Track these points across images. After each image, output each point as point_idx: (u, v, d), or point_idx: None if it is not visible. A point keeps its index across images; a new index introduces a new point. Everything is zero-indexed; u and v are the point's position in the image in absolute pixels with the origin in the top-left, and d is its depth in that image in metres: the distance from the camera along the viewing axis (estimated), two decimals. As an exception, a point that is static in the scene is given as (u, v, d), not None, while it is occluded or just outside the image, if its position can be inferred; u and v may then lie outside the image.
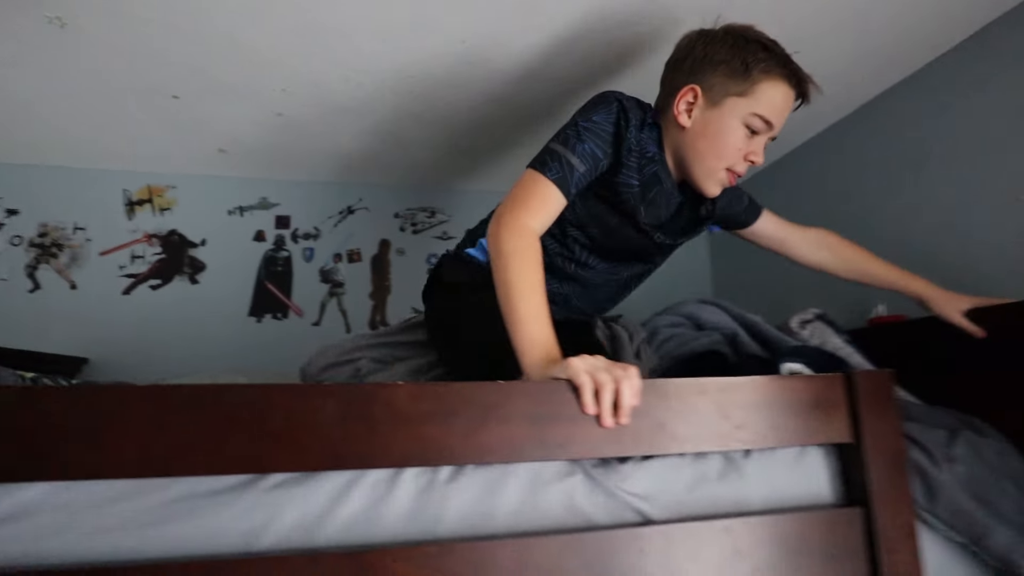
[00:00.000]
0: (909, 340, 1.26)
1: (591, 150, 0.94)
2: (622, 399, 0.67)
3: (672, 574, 0.69)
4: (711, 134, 0.98)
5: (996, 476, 0.89)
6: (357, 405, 0.65)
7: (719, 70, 0.96)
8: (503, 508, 0.70)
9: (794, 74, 0.96)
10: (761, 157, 0.99)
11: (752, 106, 0.95)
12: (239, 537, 0.63)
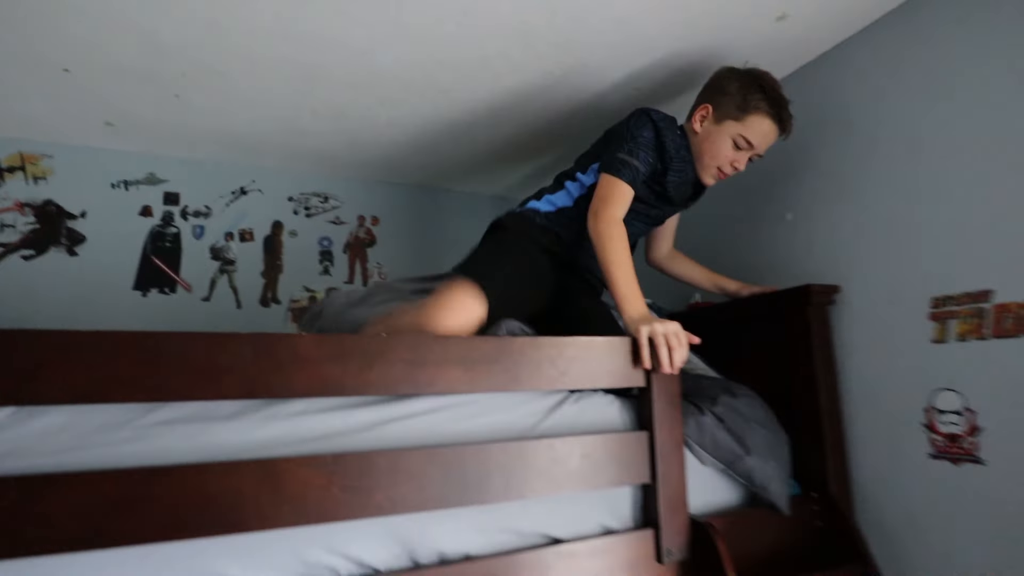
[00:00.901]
0: (715, 320, 1.64)
1: (646, 158, 1.32)
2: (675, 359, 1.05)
3: (525, 469, 0.95)
4: (710, 141, 1.35)
5: (746, 420, 1.24)
6: (267, 349, 0.84)
7: (727, 99, 1.32)
8: (386, 430, 0.92)
9: (780, 115, 1.32)
10: (742, 166, 1.36)
11: (741, 129, 1.32)
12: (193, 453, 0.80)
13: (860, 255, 1.39)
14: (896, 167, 1.33)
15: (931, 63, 1.28)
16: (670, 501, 1.08)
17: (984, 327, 1.16)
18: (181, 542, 0.77)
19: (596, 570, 1.01)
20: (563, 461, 1.00)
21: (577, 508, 1.04)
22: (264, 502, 0.80)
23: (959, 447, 1.19)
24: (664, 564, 1.06)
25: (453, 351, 0.95)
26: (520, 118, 1.82)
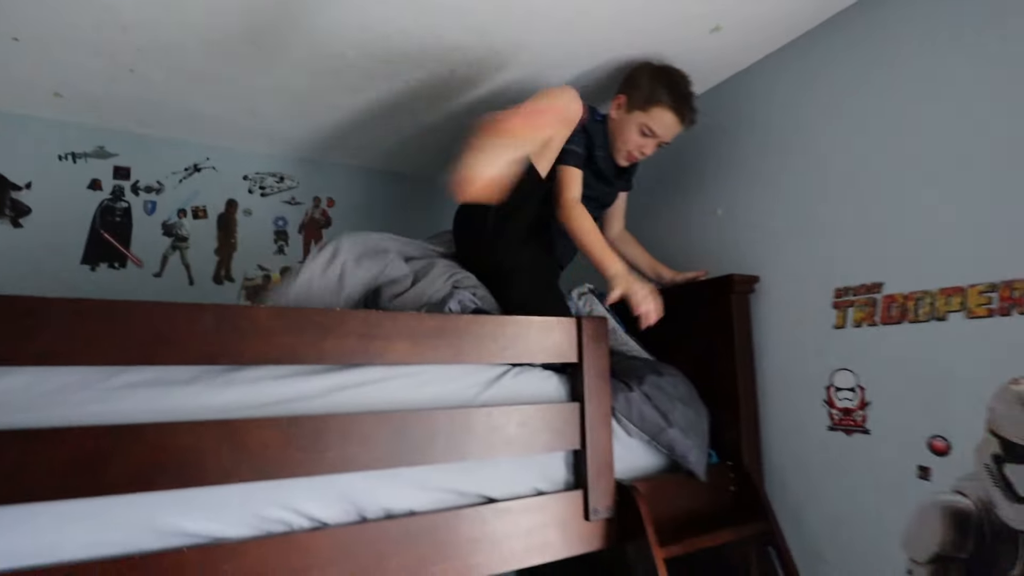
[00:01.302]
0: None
1: (579, 142, 1.48)
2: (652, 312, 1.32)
3: (465, 434, 1.04)
4: (621, 128, 1.52)
5: (670, 397, 1.37)
6: (229, 319, 0.90)
7: (637, 92, 1.49)
8: (339, 396, 1.00)
9: (681, 110, 1.48)
10: (649, 151, 1.53)
11: (646, 120, 1.48)
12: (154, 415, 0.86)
13: (778, 249, 1.54)
14: (808, 171, 1.48)
15: (838, 80, 1.43)
16: (598, 466, 1.20)
17: (875, 314, 1.33)
18: (144, 496, 0.84)
19: (529, 526, 1.12)
20: (501, 428, 1.10)
21: (513, 471, 1.14)
22: (224, 459, 0.87)
23: (851, 420, 1.36)
24: (591, 522, 1.18)
25: (402, 326, 1.04)
26: (469, 108, 1.89)
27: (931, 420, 1.21)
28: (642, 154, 1.54)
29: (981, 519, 1.12)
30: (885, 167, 1.32)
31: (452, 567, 1.02)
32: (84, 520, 0.82)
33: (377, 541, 0.97)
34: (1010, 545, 1.08)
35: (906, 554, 1.23)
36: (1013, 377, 1.09)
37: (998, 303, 1.12)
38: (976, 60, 1.19)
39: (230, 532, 0.89)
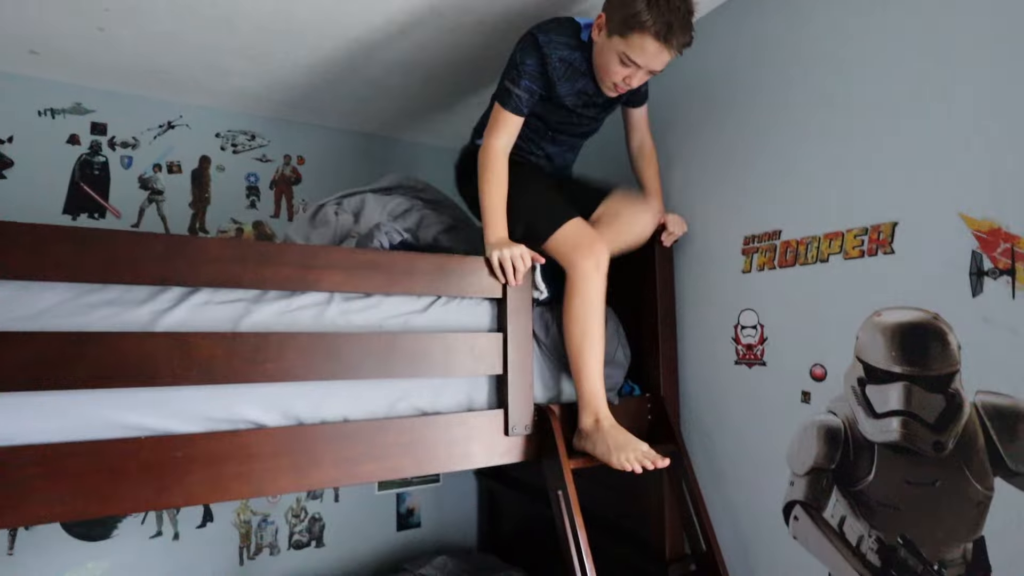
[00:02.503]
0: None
1: (529, 86, 1.37)
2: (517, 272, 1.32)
3: (394, 356, 1.19)
4: (601, 56, 1.33)
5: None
6: (178, 247, 1.04)
7: (617, 12, 1.25)
8: (283, 317, 1.14)
9: (664, 34, 1.22)
10: (635, 82, 1.33)
11: (625, 48, 1.26)
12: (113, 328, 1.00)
13: (700, 201, 1.67)
14: (726, 131, 1.60)
15: (767, 41, 1.54)
16: (517, 389, 1.36)
17: (775, 259, 1.47)
18: (105, 394, 0.99)
19: (454, 437, 1.28)
20: (428, 352, 1.25)
21: (442, 389, 1.30)
22: (175, 365, 1.01)
23: (753, 354, 1.52)
24: (510, 437, 1.35)
25: (336, 258, 1.18)
26: (424, 69, 1.99)
27: (813, 351, 1.37)
28: (628, 85, 1.35)
29: (847, 434, 1.29)
30: (782, 128, 1.45)
31: (382, 466, 1.19)
32: (53, 413, 0.97)
33: (314, 440, 1.13)
34: (868, 454, 1.25)
35: (789, 468, 1.41)
36: (876, 310, 1.24)
37: (868, 245, 1.26)
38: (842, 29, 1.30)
39: (181, 428, 1.05)
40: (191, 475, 1.03)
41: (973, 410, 1.08)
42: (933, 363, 1.13)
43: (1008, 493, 1.03)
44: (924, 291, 1.16)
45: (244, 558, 2.24)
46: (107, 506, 0.97)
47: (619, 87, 1.36)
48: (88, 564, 2.00)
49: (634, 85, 1.36)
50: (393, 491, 2.55)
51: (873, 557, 1.22)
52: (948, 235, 1.13)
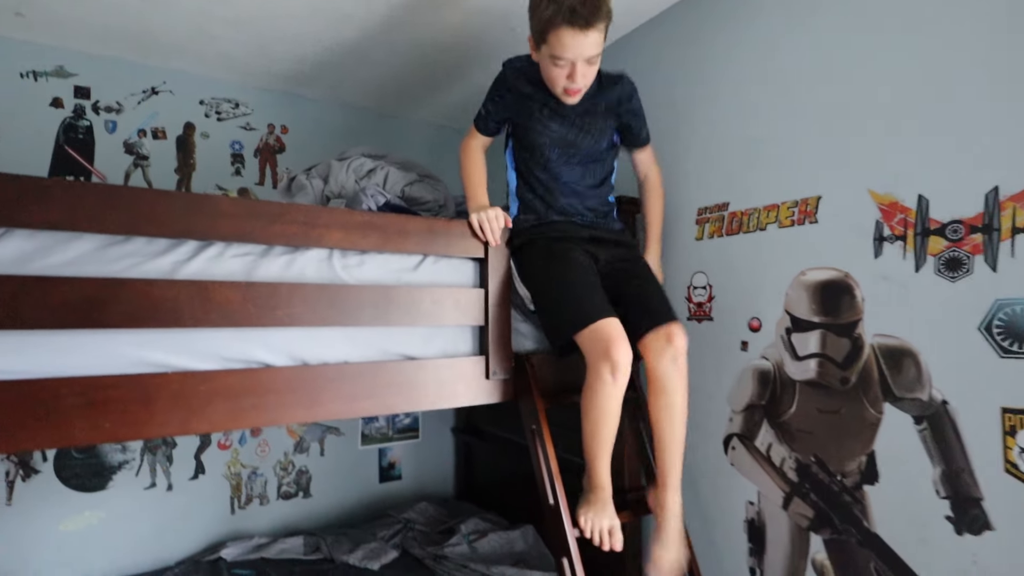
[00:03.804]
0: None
1: (493, 107, 1.56)
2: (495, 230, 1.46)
3: (388, 306, 1.35)
4: (543, 71, 1.42)
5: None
6: (196, 205, 1.17)
7: (533, 25, 1.36)
8: (289, 269, 1.28)
9: (567, 16, 1.25)
10: (578, 79, 1.36)
11: (549, 51, 1.33)
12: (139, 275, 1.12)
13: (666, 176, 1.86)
14: (687, 118, 1.79)
15: (716, 38, 1.73)
16: (497, 339, 1.53)
17: (723, 228, 1.68)
18: (137, 334, 1.12)
19: (442, 379, 1.45)
20: (418, 304, 1.41)
21: (430, 337, 1.46)
22: (197, 309, 1.15)
23: (703, 311, 1.73)
24: (490, 380, 1.53)
25: (337, 218, 1.32)
26: (416, 46, 2.11)
27: (751, 306, 1.59)
28: (574, 83, 1.38)
29: (775, 375, 1.51)
30: (732, 115, 1.65)
31: (376, 403, 1.35)
32: (92, 350, 1.10)
33: (318, 379, 1.29)
34: (791, 391, 1.48)
35: (729, 406, 1.64)
36: (802, 270, 1.46)
37: (797, 215, 1.48)
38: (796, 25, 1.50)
39: (202, 366, 1.19)
40: (213, 406, 1.17)
41: (871, 350, 1.31)
42: (843, 313, 1.36)
43: (893, 414, 1.27)
44: (839, 254, 1.38)
45: (235, 507, 2.39)
46: (141, 431, 1.12)
47: (569, 90, 1.41)
48: (85, 513, 2.12)
49: (579, 82, 1.38)
50: (375, 446, 2.72)
51: (792, 474, 1.46)
52: (859, 207, 1.34)
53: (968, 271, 1.17)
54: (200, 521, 2.31)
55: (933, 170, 1.23)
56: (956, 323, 1.18)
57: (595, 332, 1.32)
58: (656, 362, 1.37)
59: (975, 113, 1.17)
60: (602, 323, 1.33)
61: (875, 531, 1.31)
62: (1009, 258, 1.12)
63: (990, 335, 1.13)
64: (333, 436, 2.61)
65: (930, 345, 1.22)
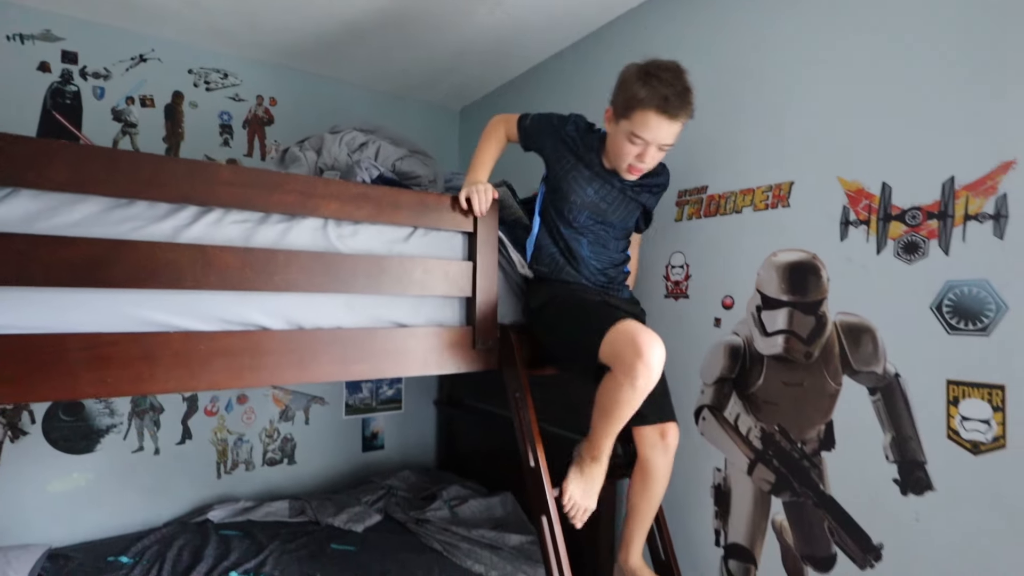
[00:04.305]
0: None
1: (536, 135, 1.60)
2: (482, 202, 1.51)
3: (381, 275, 1.40)
4: (612, 142, 1.46)
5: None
6: (198, 171, 1.21)
7: (619, 98, 1.39)
8: (286, 237, 1.33)
9: (662, 105, 1.31)
10: (645, 163, 1.42)
11: (630, 127, 1.37)
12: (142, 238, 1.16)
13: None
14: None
15: (698, 33, 1.79)
16: (484, 310, 1.60)
17: (701, 210, 1.76)
18: (140, 294, 1.16)
19: (430, 346, 1.52)
20: (408, 274, 1.47)
21: (422, 306, 1.53)
22: (198, 271, 1.20)
23: (679, 289, 1.82)
24: (476, 350, 1.60)
25: (333, 189, 1.37)
26: (409, 23, 2.13)
27: (725, 285, 1.68)
28: (641, 162, 1.43)
29: (745, 350, 1.61)
30: (711, 107, 1.72)
31: (368, 367, 1.42)
32: (97, 308, 1.14)
33: (314, 343, 1.34)
34: (759, 365, 1.58)
35: (701, 379, 1.73)
36: (773, 251, 1.55)
37: (771, 199, 1.56)
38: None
39: (201, 328, 1.24)
40: (213, 365, 1.23)
41: (833, 327, 1.41)
42: (810, 292, 1.46)
43: (850, 386, 1.38)
44: (808, 236, 1.47)
45: (221, 472, 2.44)
46: (144, 387, 1.16)
47: (633, 168, 1.45)
48: (73, 474, 2.16)
49: (648, 163, 1.43)
50: (359, 416, 2.79)
51: (757, 442, 1.57)
52: (828, 193, 1.43)
53: (924, 254, 1.27)
54: (187, 484, 2.36)
55: (897, 159, 1.31)
56: (911, 302, 1.28)
57: (617, 332, 1.32)
58: (647, 452, 1.48)
59: (937, 107, 1.25)
60: (622, 323, 1.33)
61: (830, 493, 1.42)
62: (960, 243, 1.21)
63: (940, 313, 1.24)
64: (318, 405, 2.67)
65: (886, 322, 1.32)
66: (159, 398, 2.31)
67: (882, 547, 1.32)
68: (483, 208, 1.54)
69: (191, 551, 1.97)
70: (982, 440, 1.17)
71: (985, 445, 1.17)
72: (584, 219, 1.57)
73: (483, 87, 2.80)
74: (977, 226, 1.19)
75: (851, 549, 1.38)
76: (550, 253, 1.60)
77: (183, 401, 2.36)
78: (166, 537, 2.08)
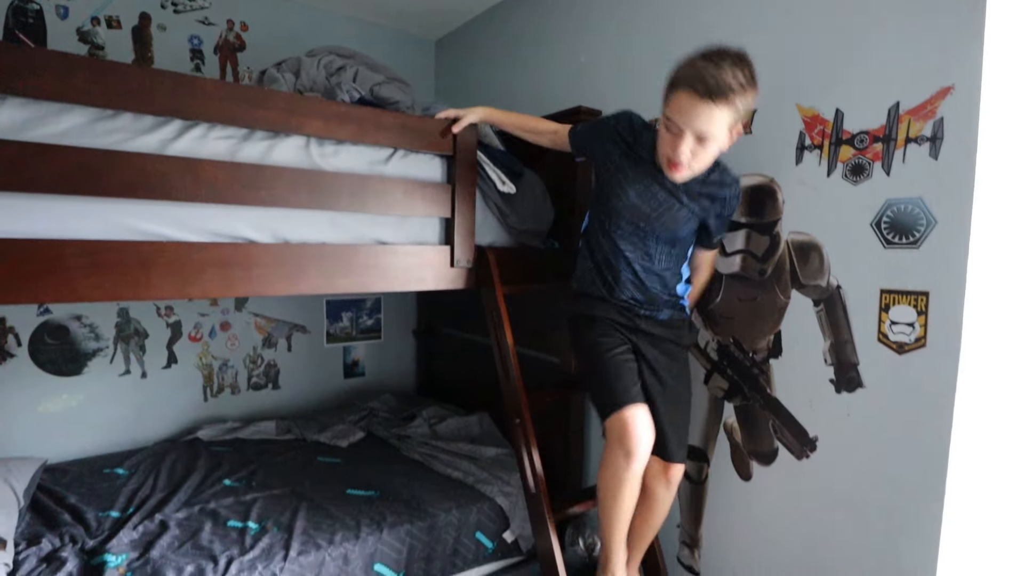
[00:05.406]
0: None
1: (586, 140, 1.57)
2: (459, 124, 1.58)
3: (364, 193, 1.46)
4: (659, 134, 1.33)
5: (523, 194, 1.85)
6: (182, 84, 1.23)
7: (665, 90, 1.28)
8: (270, 154, 1.37)
9: (693, 84, 1.19)
10: (678, 155, 1.27)
11: (667, 112, 1.26)
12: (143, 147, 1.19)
13: (615, 89, 1.99)
14: (638, 29, 1.90)
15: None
16: (463, 231, 1.68)
17: (670, 139, 1.83)
18: (133, 204, 1.21)
19: (411, 264, 1.60)
20: (391, 193, 1.53)
21: (402, 225, 1.59)
22: (188, 183, 1.24)
23: (647, 216, 1.91)
24: (455, 268, 1.69)
25: (316, 107, 1.41)
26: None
27: (690, 210, 1.77)
28: (679, 157, 1.28)
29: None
30: (683, 29, 1.77)
31: (353, 281, 1.50)
32: (91, 217, 1.18)
33: (301, 256, 1.41)
34: (718, 283, 1.70)
35: (665, 300, 1.86)
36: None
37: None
38: (754, -57, 1.61)
39: (192, 238, 1.29)
40: (205, 274, 1.29)
41: (785, 245, 1.53)
42: (766, 214, 1.57)
43: (798, 299, 1.51)
44: (767, 161, 1.57)
45: (208, 396, 2.53)
46: (140, 292, 1.23)
47: (672, 162, 1.31)
48: (63, 396, 2.22)
49: (683, 154, 1.28)
50: (340, 344, 2.88)
51: (713, 354, 1.72)
52: (787, 120, 1.52)
53: (868, 175, 1.38)
54: (175, 406, 2.45)
55: (849, 86, 1.40)
56: (854, 220, 1.40)
57: (617, 420, 1.37)
58: (651, 482, 1.49)
59: (886, 36, 1.33)
60: (625, 412, 1.36)
61: (775, 396, 1.58)
62: (901, 164, 1.32)
63: (879, 229, 1.36)
64: (299, 333, 2.75)
65: (831, 239, 1.45)
66: (143, 323, 2.36)
67: (817, 439, 1.50)
68: (457, 127, 1.60)
69: (184, 464, 2.09)
70: (906, 341, 1.32)
71: (908, 345, 1.32)
72: (624, 225, 1.45)
73: (460, 16, 2.77)
74: (916, 148, 1.30)
75: (791, 443, 1.55)
76: (584, 268, 1.55)
77: (167, 327, 2.42)
78: (159, 452, 2.18)
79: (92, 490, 1.87)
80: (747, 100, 1.24)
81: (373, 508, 1.78)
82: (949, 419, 1.26)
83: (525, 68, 2.40)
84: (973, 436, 1.28)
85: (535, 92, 2.31)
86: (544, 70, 2.30)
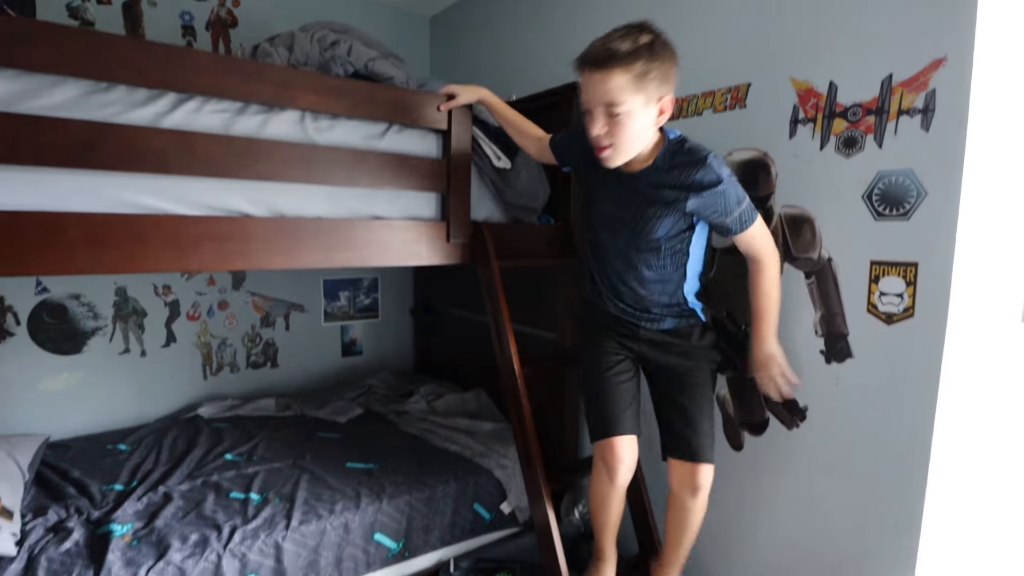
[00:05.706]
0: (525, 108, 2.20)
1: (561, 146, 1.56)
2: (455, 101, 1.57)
3: (358, 167, 1.46)
4: None
5: (517, 169, 1.85)
6: (176, 56, 1.23)
7: None
8: (265, 127, 1.37)
9: (587, 56, 1.20)
10: (594, 134, 1.24)
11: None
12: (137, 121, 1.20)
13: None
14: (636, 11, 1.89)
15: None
16: (458, 206, 1.69)
17: (665, 114, 1.83)
18: (129, 178, 1.21)
19: (407, 239, 1.61)
20: (385, 167, 1.54)
21: (398, 200, 1.60)
22: (183, 157, 1.25)
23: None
24: (451, 244, 1.70)
25: (310, 81, 1.40)
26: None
27: (684, 185, 1.78)
28: (594, 133, 1.25)
29: (700, 245, 1.74)
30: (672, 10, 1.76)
31: (351, 255, 1.51)
32: (87, 191, 1.19)
33: (298, 230, 1.42)
34: (712, 257, 1.71)
35: (659, 275, 1.87)
36: (729, 150, 1.65)
37: (730, 101, 1.65)
38: (750, -87, 1.59)
39: (188, 212, 1.30)
40: (202, 247, 1.30)
41: (778, 218, 1.54)
42: (760, 188, 1.58)
43: (790, 271, 1.53)
44: (761, 135, 1.57)
45: (207, 374, 2.56)
46: (138, 265, 1.24)
47: (595, 140, 1.26)
48: (63, 374, 2.24)
49: (596, 130, 1.24)
50: (338, 323, 2.90)
51: (706, 326, 1.74)
52: (781, 93, 1.52)
53: (860, 148, 1.39)
54: (175, 384, 2.47)
55: (843, 58, 1.41)
56: (846, 193, 1.41)
57: (604, 447, 1.43)
58: (678, 489, 1.45)
59: (881, 6, 1.33)
60: (612, 441, 1.41)
61: (767, 368, 1.60)
62: (893, 136, 1.33)
63: (870, 201, 1.37)
64: (297, 313, 2.77)
65: (824, 212, 1.46)
66: (141, 302, 2.37)
67: (807, 409, 1.53)
68: (452, 104, 1.60)
69: (186, 439, 2.11)
70: (895, 312, 1.35)
71: (897, 316, 1.34)
72: (603, 234, 1.43)
73: (454, -8, 2.74)
74: (908, 120, 1.31)
75: (781, 413, 1.58)
76: (584, 276, 1.59)
77: (165, 306, 2.43)
78: (160, 429, 2.21)
79: (95, 465, 1.90)
80: (653, 65, 1.18)
81: (373, 480, 1.81)
82: (935, 387, 1.29)
83: (520, 45, 2.39)
84: (958, 404, 1.31)
85: (530, 69, 2.30)
86: (539, 47, 2.29)
